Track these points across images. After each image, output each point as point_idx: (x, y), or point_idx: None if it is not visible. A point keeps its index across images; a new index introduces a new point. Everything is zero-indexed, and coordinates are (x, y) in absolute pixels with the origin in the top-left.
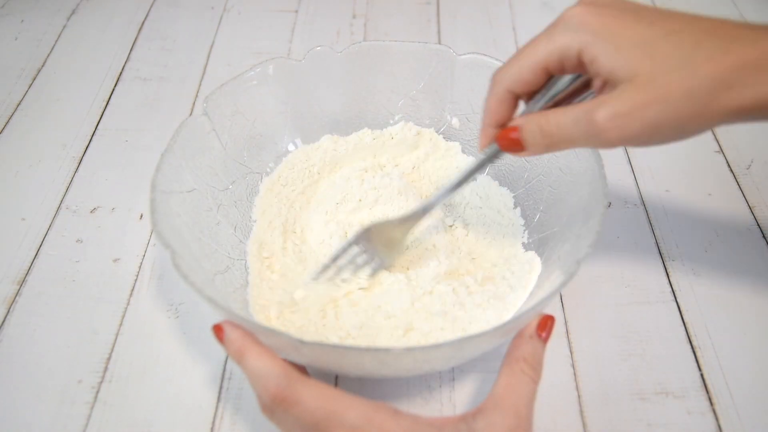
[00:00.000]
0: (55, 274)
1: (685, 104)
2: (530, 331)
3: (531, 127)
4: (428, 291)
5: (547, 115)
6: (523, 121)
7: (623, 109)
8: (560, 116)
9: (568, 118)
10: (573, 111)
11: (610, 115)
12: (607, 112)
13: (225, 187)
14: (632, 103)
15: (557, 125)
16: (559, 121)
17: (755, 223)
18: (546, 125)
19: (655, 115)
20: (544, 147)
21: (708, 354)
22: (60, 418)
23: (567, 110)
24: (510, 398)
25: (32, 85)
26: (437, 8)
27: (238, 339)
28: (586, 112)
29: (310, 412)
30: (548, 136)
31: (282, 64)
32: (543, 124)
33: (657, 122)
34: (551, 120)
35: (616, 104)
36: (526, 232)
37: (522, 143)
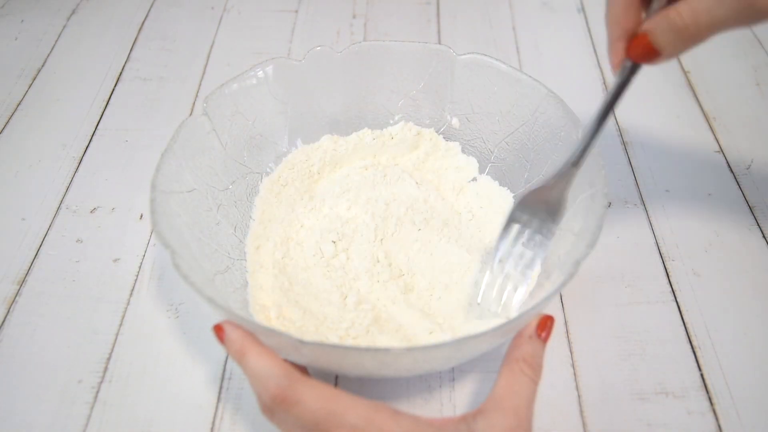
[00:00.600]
0: (55, 274)
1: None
2: (530, 331)
3: (662, 26)
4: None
5: (678, 7)
6: (652, 23)
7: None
8: (695, 3)
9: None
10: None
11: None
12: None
13: (225, 187)
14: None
15: (693, 13)
16: (696, 6)
17: (755, 223)
18: (678, 18)
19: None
20: (682, 44)
21: (708, 354)
22: (60, 418)
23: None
24: (510, 399)
25: (32, 85)
26: (437, 8)
27: (238, 339)
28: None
29: (311, 412)
30: (684, 29)
31: (282, 64)
32: (674, 17)
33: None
34: (684, 10)
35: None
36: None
37: (655, 48)
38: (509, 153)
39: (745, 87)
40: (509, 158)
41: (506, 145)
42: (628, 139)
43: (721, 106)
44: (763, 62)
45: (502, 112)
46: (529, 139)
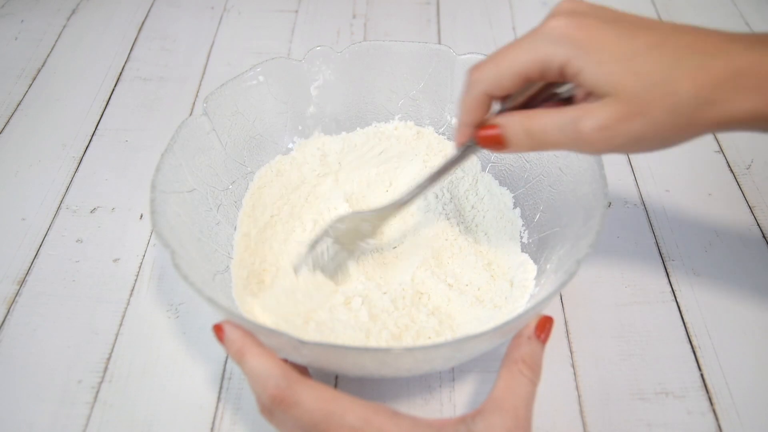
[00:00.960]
0: (55, 274)
1: (667, 119)
2: (529, 332)
3: (515, 127)
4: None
5: (532, 118)
6: (505, 120)
7: (608, 122)
8: (545, 120)
9: (554, 124)
10: (558, 117)
11: (595, 127)
12: (593, 124)
13: (225, 187)
14: (617, 116)
15: (542, 130)
16: (545, 125)
17: (755, 223)
18: (530, 127)
19: (639, 128)
20: (528, 147)
21: (708, 354)
22: (60, 418)
23: (552, 115)
24: (509, 400)
25: (32, 85)
26: (437, 8)
27: (238, 339)
28: (572, 122)
29: (309, 413)
30: (533, 137)
31: (282, 64)
32: (527, 125)
33: (640, 135)
34: (535, 123)
35: (600, 117)
36: (526, 232)
37: (504, 141)
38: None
39: None
40: (509, 158)
41: None
42: None
43: None
44: None
45: None
46: None
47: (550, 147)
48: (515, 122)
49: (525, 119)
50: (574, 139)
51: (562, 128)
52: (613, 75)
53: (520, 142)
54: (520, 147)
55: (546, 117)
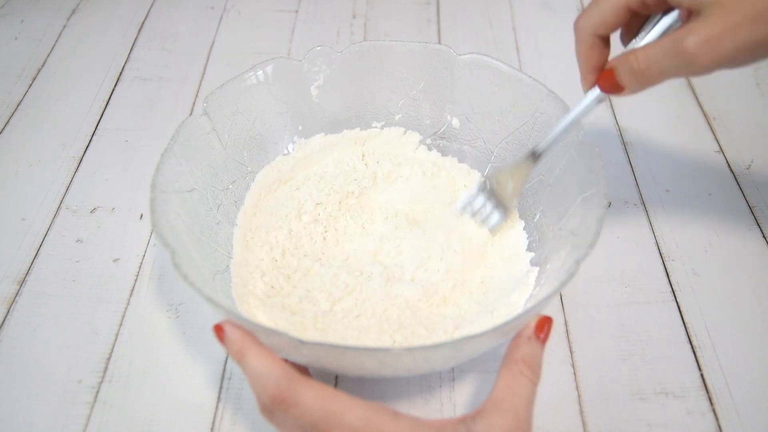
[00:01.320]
0: (55, 274)
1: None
2: (529, 332)
3: (623, 67)
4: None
5: (636, 52)
6: (616, 62)
7: (714, 33)
8: (649, 51)
9: (657, 51)
10: (661, 43)
11: (701, 41)
12: (698, 38)
13: (225, 186)
14: (722, 25)
15: (647, 60)
16: (649, 55)
17: (755, 223)
18: (635, 62)
19: (749, 35)
20: (639, 84)
21: (708, 354)
22: (60, 418)
23: (656, 43)
24: (509, 400)
25: (32, 85)
26: (437, 8)
27: (238, 339)
28: (674, 42)
29: (310, 413)
30: (639, 72)
31: (282, 64)
32: (632, 61)
33: (751, 42)
34: (640, 56)
35: (704, 29)
36: (526, 232)
37: (619, 82)
38: (509, 153)
39: (745, 87)
40: (509, 158)
41: (506, 145)
42: (628, 139)
43: (721, 106)
44: (763, 62)
45: (502, 112)
46: (529, 139)
47: (660, 76)
48: (623, 61)
49: (630, 55)
50: (680, 61)
51: (666, 52)
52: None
53: (631, 81)
54: (633, 86)
55: (649, 47)
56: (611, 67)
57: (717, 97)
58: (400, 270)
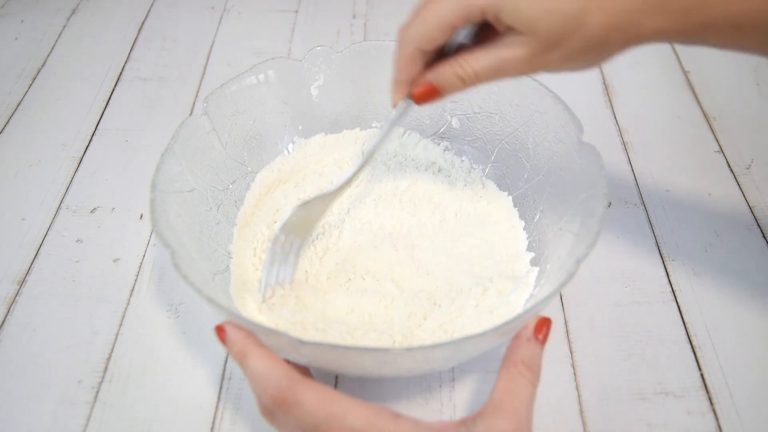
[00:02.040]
0: (55, 274)
1: (581, 47)
2: (528, 333)
3: (448, 78)
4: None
5: (461, 63)
6: (438, 75)
7: (529, 57)
8: (475, 63)
9: (484, 65)
10: (487, 58)
11: (521, 62)
12: (517, 60)
13: (225, 186)
14: (537, 51)
15: (474, 71)
16: (475, 67)
17: (755, 223)
18: (462, 72)
19: (557, 57)
20: (463, 89)
21: (708, 354)
22: (60, 418)
23: (479, 58)
24: (509, 402)
25: (32, 85)
26: None
27: (240, 340)
28: (499, 60)
29: (311, 414)
30: (466, 81)
31: (282, 64)
32: (459, 71)
33: (559, 62)
34: (466, 67)
35: (522, 53)
36: (526, 232)
37: (440, 90)
38: (509, 153)
39: (745, 87)
40: (509, 158)
41: (506, 145)
42: (628, 139)
43: (721, 106)
44: (763, 62)
45: (502, 112)
46: (529, 139)
47: (486, 82)
48: (447, 73)
49: (456, 66)
50: (505, 74)
51: (492, 67)
52: (530, 16)
53: (456, 87)
54: (456, 91)
55: (475, 61)
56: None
57: (717, 97)
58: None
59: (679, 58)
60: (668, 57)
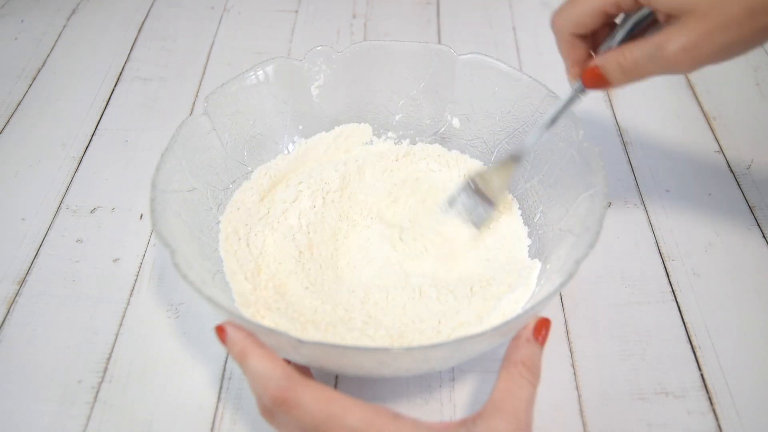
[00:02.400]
0: (55, 274)
1: (748, 24)
2: (527, 334)
3: (611, 65)
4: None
5: (623, 52)
6: (602, 61)
7: (690, 40)
8: (635, 53)
9: (643, 54)
10: (646, 47)
11: (679, 48)
12: (677, 46)
13: (225, 186)
14: (698, 33)
15: (634, 62)
16: (635, 57)
17: (755, 223)
18: (624, 62)
19: (722, 40)
20: (626, 80)
21: (708, 354)
22: (60, 418)
23: (640, 46)
24: (509, 402)
25: (32, 85)
26: (437, 8)
27: (240, 340)
28: (657, 48)
29: (310, 415)
30: (627, 71)
31: (282, 64)
32: (621, 61)
33: (724, 46)
34: (627, 57)
35: (682, 37)
36: (526, 232)
37: (606, 79)
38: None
39: (745, 87)
40: None
41: (506, 145)
42: (628, 139)
43: (721, 106)
44: (763, 62)
45: (502, 112)
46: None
47: (646, 75)
48: (610, 60)
49: (618, 55)
50: (664, 64)
51: (651, 57)
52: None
53: (618, 78)
54: (620, 81)
55: (635, 50)
56: (596, 66)
57: (717, 97)
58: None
59: None
60: None
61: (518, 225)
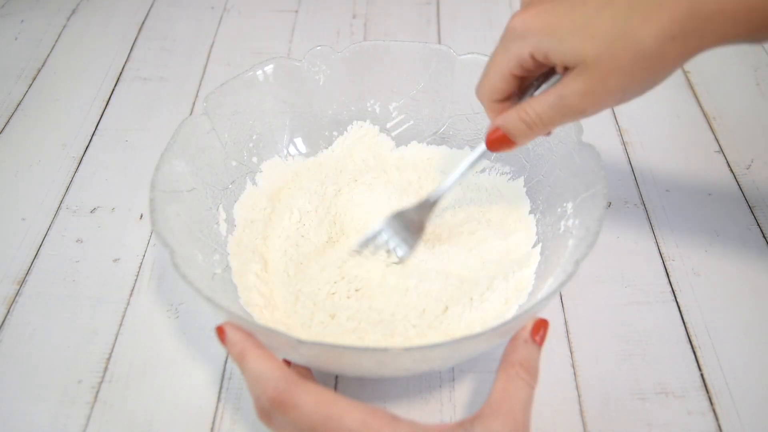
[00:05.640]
0: (55, 274)
1: (638, 65)
2: (525, 335)
3: (513, 123)
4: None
5: (525, 108)
6: (504, 120)
7: (587, 87)
8: (537, 106)
9: (545, 106)
10: (547, 98)
11: (579, 94)
12: (575, 93)
13: (225, 186)
14: (593, 81)
15: (537, 114)
16: (537, 110)
17: (755, 223)
18: (527, 117)
19: (617, 83)
20: (531, 135)
21: (708, 354)
22: (60, 418)
23: (541, 99)
24: (507, 403)
25: (32, 85)
26: (437, 8)
27: (239, 342)
28: (558, 99)
29: (308, 416)
30: (533, 124)
31: (282, 64)
32: (523, 116)
33: (620, 88)
34: (529, 111)
35: (579, 84)
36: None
37: (509, 138)
38: (509, 153)
39: (745, 87)
40: (509, 158)
41: None
42: (628, 139)
43: (721, 106)
44: (763, 62)
45: None
46: None
47: (550, 126)
48: (512, 119)
49: (519, 110)
50: (567, 113)
51: (553, 107)
52: (575, 47)
53: (523, 133)
54: (524, 137)
55: (537, 104)
56: (496, 126)
57: (717, 97)
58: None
59: None
60: None
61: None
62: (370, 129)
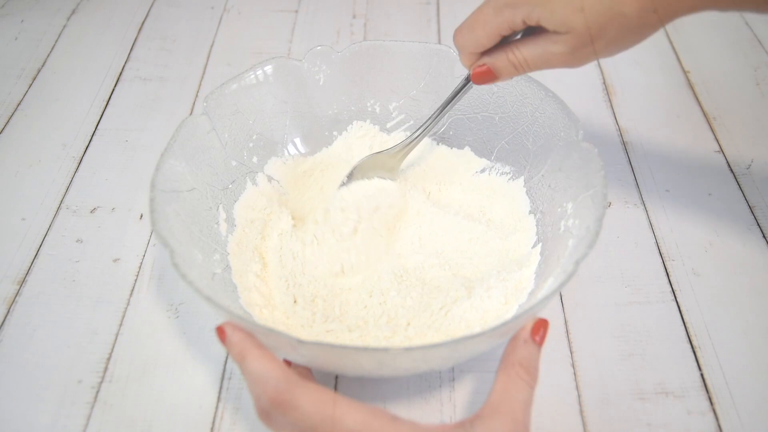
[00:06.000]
0: (55, 274)
1: (620, 34)
2: (525, 335)
3: (502, 62)
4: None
5: (513, 51)
6: (493, 59)
7: (572, 49)
8: (525, 51)
9: (534, 54)
10: (536, 47)
11: (564, 53)
12: (562, 52)
13: (225, 186)
14: (578, 44)
15: (525, 59)
16: (525, 55)
17: (755, 223)
18: (514, 59)
19: (602, 48)
20: (515, 74)
21: (708, 354)
22: (60, 418)
23: (529, 46)
24: (507, 403)
25: (32, 85)
26: (437, 8)
27: (239, 342)
28: (545, 51)
29: (308, 417)
30: (519, 66)
31: (282, 64)
32: (511, 58)
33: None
34: (518, 54)
35: (566, 46)
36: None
37: (494, 73)
38: (509, 153)
39: (745, 87)
40: (509, 158)
41: (506, 145)
42: (628, 139)
43: (721, 106)
44: (763, 62)
45: (502, 113)
46: (528, 140)
47: (535, 70)
48: (500, 58)
49: (509, 52)
50: (552, 64)
51: (541, 57)
52: (565, 17)
53: (508, 72)
54: (509, 75)
55: (525, 49)
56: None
57: (717, 97)
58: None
59: (679, 58)
60: (668, 57)
61: (520, 225)
62: (370, 129)
